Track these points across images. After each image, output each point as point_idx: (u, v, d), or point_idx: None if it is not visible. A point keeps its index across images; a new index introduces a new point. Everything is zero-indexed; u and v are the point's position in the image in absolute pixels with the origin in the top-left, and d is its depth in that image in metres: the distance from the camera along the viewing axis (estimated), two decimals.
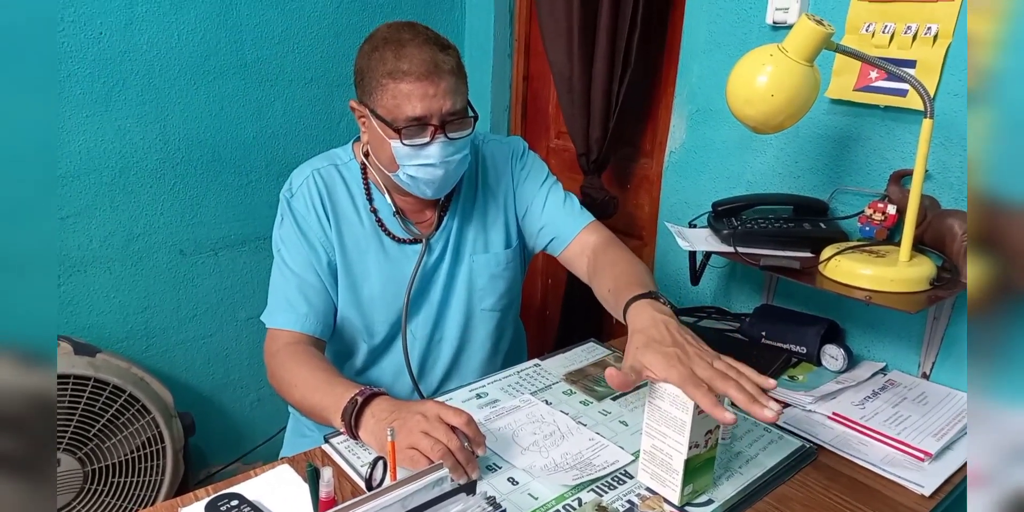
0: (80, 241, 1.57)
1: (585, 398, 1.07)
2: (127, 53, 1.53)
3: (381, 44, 0.99)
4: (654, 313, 0.88)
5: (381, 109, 1.00)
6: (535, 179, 1.21)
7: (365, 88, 1.01)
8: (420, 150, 1.01)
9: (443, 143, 1.01)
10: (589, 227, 1.17)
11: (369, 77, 1.00)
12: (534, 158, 1.24)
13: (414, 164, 1.02)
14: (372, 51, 1.00)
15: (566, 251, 1.18)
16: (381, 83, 0.98)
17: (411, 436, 0.83)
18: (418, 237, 1.15)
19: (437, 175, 1.03)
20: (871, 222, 1.11)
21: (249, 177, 1.77)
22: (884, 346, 1.18)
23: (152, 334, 1.71)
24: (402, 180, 1.06)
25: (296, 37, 1.75)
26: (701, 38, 1.37)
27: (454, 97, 0.99)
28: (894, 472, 0.90)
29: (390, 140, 1.01)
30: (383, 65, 0.97)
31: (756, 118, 0.98)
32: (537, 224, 1.20)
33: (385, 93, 0.98)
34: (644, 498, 0.84)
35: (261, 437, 1.90)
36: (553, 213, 1.19)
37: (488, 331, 1.23)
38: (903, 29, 1.07)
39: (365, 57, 1.01)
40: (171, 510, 0.81)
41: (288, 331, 1.08)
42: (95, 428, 1.44)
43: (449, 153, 1.02)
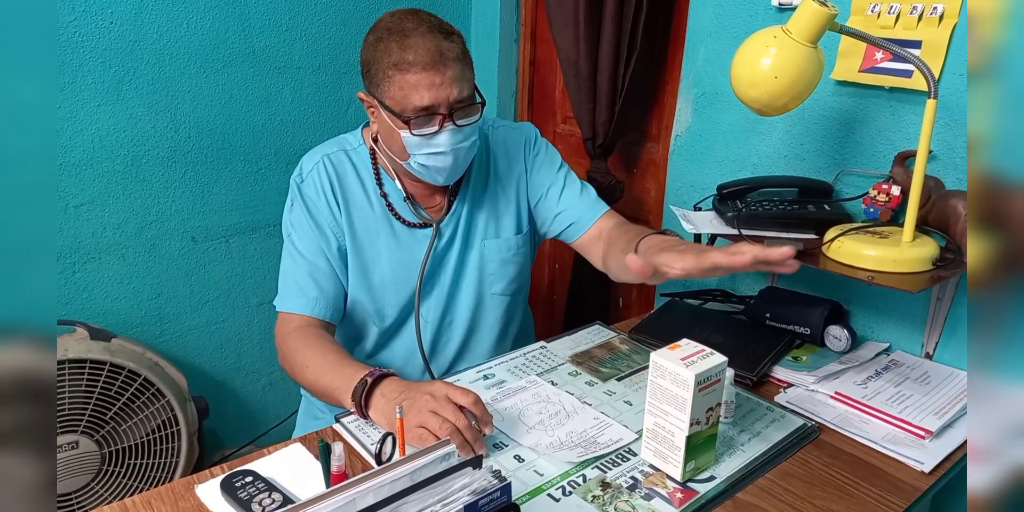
0: (94, 229, 1.60)
1: (590, 379, 1.08)
2: (137, 42, 1.54)
3: (385, 34, 0.99)
4: (663, 237, 0.99)
5: (389, 100, 1.01)
6: (549, 166, 1.23)
7: (372, 79, 1.02)
8: (430, 139, 1.02)
9: (452, 131, 1.02)
10: (607, 214, 1.20)
11: (376, 68, 1.00)
12: (547, 145, 1.25)
13: (424, 153, 1.03)
14: (377, 42, 1.00)
15: (583, 237, 1.20)
16: (387, 74, 0.99)
17: (420, 415, 0.85)
18: (428, 221, 1.17)
19: (448, 162, 1.04)
20: (875, 203, 1.11)
21: (259, 164, 1.78)
22: (888, 327, 1.19)
23: (166, 319, 1.74)
24: (414, 168, 1.07)
25: (304, 25, 1.75)
26: (707, 21, 1.36)
27: (461, 84, 1.00)
28: (895, 449, 0.91)
29: (399, 130, 1.02)
30: (388, 56, 0.98)
31: (760, 100, 0.99)
32: (553, 210, 1.22)
33: (392, 84, 0.99)
34: (647, 475, 0.86)
35: (273, 420, 1.93)
36: (570, 200, 1.21)
37: (498, 315, 1.25)
38: (909, 9, 1.07)
39: (371, 48, 1.01)
40: (188, 487, 0.84)
41: (299, 315, 1.10)
42: (111, 411, 1.47)
43: (458, 140, 1.03)
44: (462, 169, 1.10)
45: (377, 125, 1.09)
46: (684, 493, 0.83)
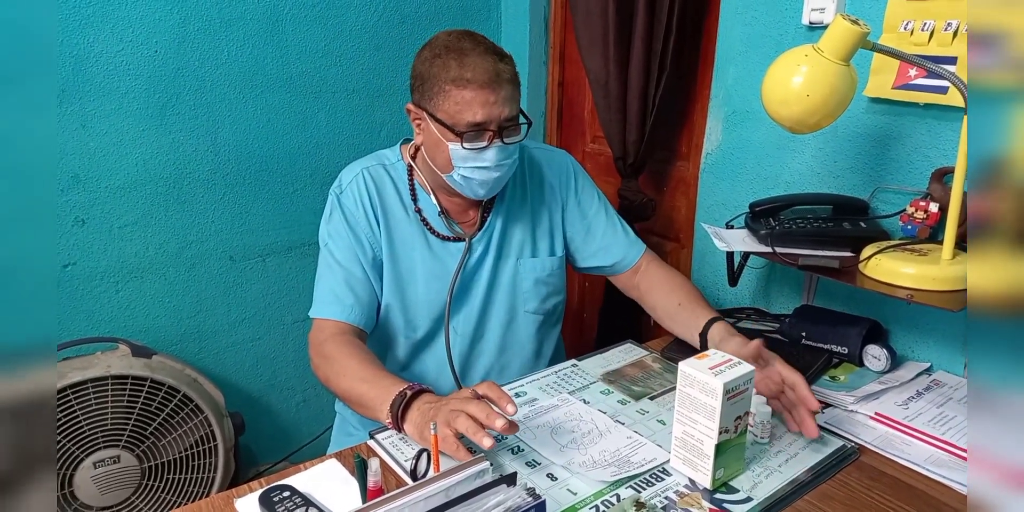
0: (137, 249, 1.65)
1: (623, 397, 1.08)
2: (180, 70, 1.60)
3: (443, 51, 1.03)
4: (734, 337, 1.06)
5: (442, 113, 1.04)
6: (588, 200, 1.27)
7: (425, 93, 1.06)
8: (479, 154, 1.05)
9: (499, 148, 1.06)
10: (646, 254, 1.28)
11: (431, 83, 1.04)
12: (585, 177, 1.30)
13: (470, 166, 1.07)
14: (434, 58, 1.04)
15: (625, 274, 1.28)
16: (444, 89, 1.03)
17: (443, 416, 0.86)
18: (461, 236, 1.19)
19: (492, 177, 1.08)
20: (913, 220, 1.10)
21: (295, 186, 1.83)
22: (929, 346, 1.17)
23: (204, 337, 1.78)
24: (455, 181, 1.10)
25: (338, 51, 1.81)
26: (736, 40, 1.37)
27: (511, 105, 1.05)
28: (939, 472, 0.89)
29: (448, 143, 1.06)
30: (446, 72, 1.02)
31: (792, 118, 0.99)
32: (593, 245, 1.27)
33: (448, 99, 1.03)
34: (682, 495, 0.85)
35: (307, 436, 1.95)
36: (611, 237, 1.27)
37: (531, 333, 1.26)
38: (943, 26, 1.06)
39: (426, 63, 1.05)
40: (227, 501, 0.85)
41: (334, 322, 1.11)
42: (151, 426, 1.50)
43: (503, 157, 1.07)
44: (501, 184, 1.13)
45: (422, 137, 1.12)
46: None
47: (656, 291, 1.22)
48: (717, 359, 0.84)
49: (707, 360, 0.84)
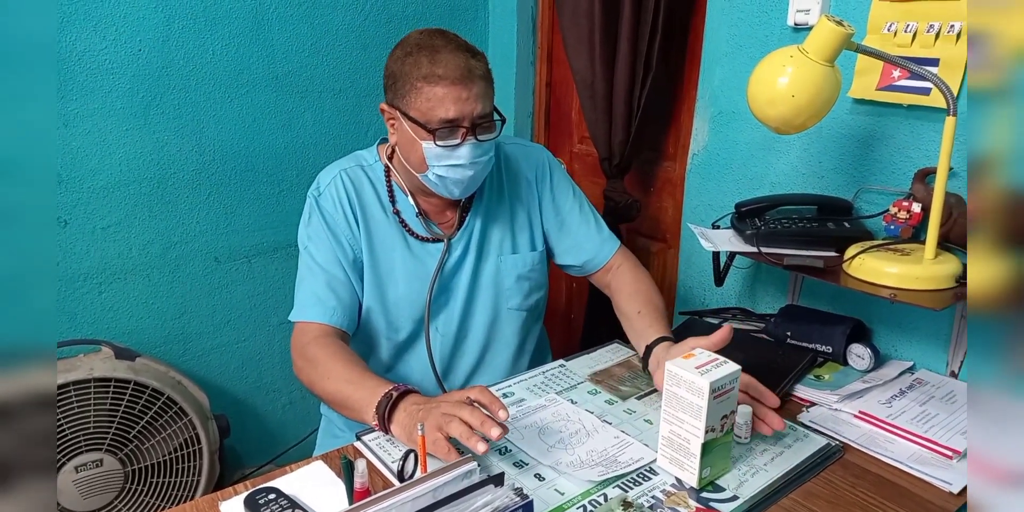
0: (120, 250, 1.63)
1: (610, 397, 1.08)
2: (165, 69, 1.59)
3: (415, 49, 1.03)
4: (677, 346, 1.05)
5: (414, 111, 1.04)
6: (563, 195, 1.27)
7: (398, 91, 1.05)
8: (451, 151, 1.05)
9: (472, 145, 1.05)
10: (619, 253, 1.27)
11: (403, 81, 1.04)
12: (562, 171, 1.29)
13: (444, 165, 1.06)
14: (406, 56, 1.04)
15: (597, 272, 1.28)
16: (416, 86, 1.02)
17: (433, 420, 0.86)
18: (440, 237, 1.18)
19: (466, 175, 1.07)
20: (896, 221, 1.11)
21: (281, 186, 1.82)
22: (911, 345, 1.18)
23: (188, 339, 1.77)
24: (430, 180, 1.09)
25: (325, 50, 1.80)
26: (723, 41, 1.38)
27: (484, 101, 1.04)
28: (922, 470, 0.90)
29: (422, 141, 1.05)
30: (418, 69, 1.02)
31: (778, 119, 0.99)
32: (567, 241, 1.27)
33: (420, 96, 1.02)
34: (669, 494, 0.85)
35: (293, 439, 1.93)
36: (584, 234, 1.26)
37: (514, 329, 1.26)
38: (926, 28, 1.08)
39: (398, 62, 1.05)
40: (211, 504, 0.84)
41: (317, 324, 1.11)
42: (135, 429, 1.49)
43: (478, 155, 1.06)
44: (477, 183, 1.12)
45: (396, 137, 1.12)
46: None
47: (621, 294, 1.21)
48: (703, 359, 0.85)
49: (693, 360, 0.85)
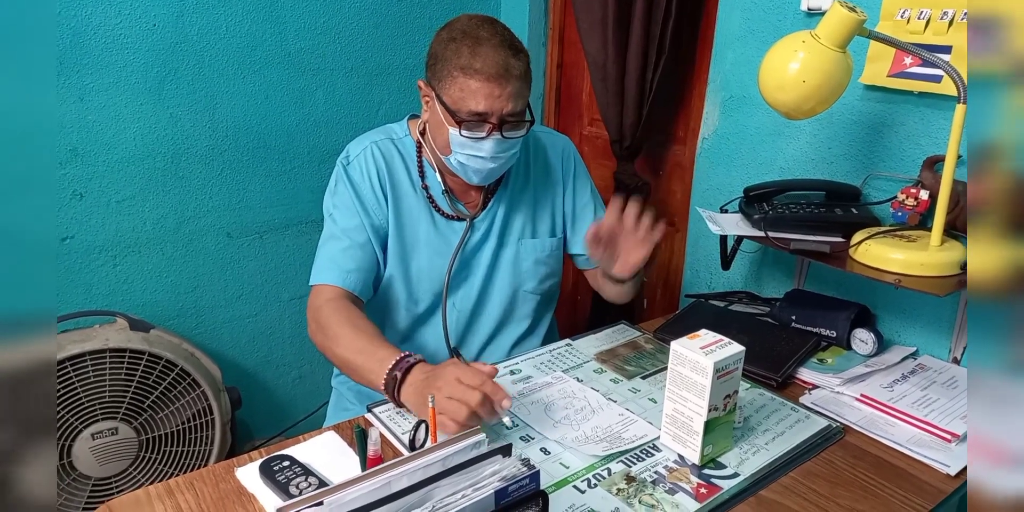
0: (135, 223, 1.65)
1: (615, 376, 1.10)
2: (178, 45, 1.59)
3: (460, 36, 1.04)
4: None
5: (447, 97, 1.05)
6: (582, 191, 1.29)
7: (436, 73, 1.07)
8: (476, 142, 1.06)
9: (497, 140, 1.06)
10: None
11: (442, 65, 1.05)
12: (583, 167, 1.32)
13: (466, 153, 1.08)
14: (450, 41, 1.05)
15: (590, 272, 1.33)
16: (452, 74, 1.04)
17: (440, 402, 0.86)
18: (464, 215, 1.20)
19: (487, 167, 1.09)
20: (903, 207, 1.12)
21: (293, 163, 1.83)
22: (915, 331, 1.19)
23: (201, 312, 1.79)
24: (452, 164, 1.12)
25: (337, 28, 1.80)
26: (735, 25, 1.38)
27: (516, 100, 1.05)
28: (920, 452, 0.92)
29: (449, 127, 1.07)
30: (458, 58, 1.03)
31: (788, 104, 1.00)
32: (575, 236, 1.30)
33: (454, 84, 1.04)
34: (672, 470, 0.88)
35: (303, 412, 1.97)
36: None
37: (528, 311, 1.28)
38: (939, 15, 1.07)
39: (442, 44, 1.06)
40: (228, 469, 0.87)
41: (331, 287, 1.12)
42: (149, 400, 1.52)
43: (501, 150, 1.08)
44: (497, 174, 1.14)
45: (428, 114, 1.13)
46: (708, 488, 0.84)
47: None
48: (708, 339, 0.87)
49: (698, 340, 0.87)
